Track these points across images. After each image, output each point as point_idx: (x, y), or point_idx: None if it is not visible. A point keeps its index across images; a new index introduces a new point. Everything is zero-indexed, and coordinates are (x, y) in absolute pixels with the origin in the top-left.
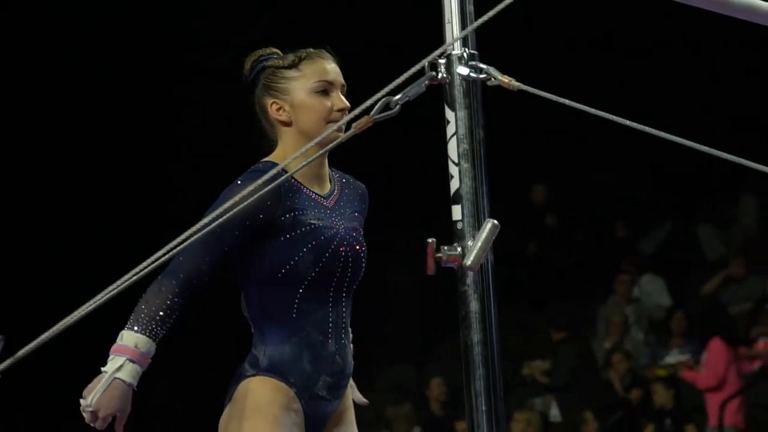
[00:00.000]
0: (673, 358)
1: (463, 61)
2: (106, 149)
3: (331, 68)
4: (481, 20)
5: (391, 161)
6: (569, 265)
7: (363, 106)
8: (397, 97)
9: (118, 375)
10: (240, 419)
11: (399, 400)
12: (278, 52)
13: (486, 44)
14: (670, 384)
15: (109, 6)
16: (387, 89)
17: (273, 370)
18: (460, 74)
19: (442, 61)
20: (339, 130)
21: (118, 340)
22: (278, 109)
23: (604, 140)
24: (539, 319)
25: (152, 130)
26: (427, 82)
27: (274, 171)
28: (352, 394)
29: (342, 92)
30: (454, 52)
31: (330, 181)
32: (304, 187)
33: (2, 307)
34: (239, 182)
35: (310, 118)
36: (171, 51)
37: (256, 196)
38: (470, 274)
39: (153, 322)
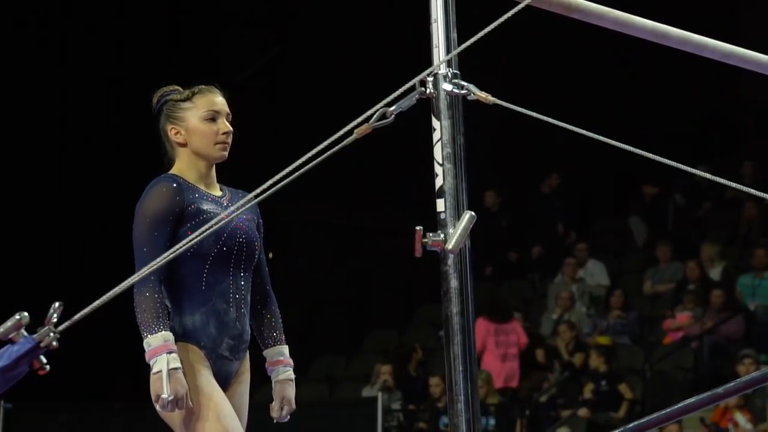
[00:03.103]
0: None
1: (448, 79)
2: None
3: (219, 100)
4: (463, 46)
5: (385, 161)
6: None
7: (364, 116)
8: (392, 108)
9: (171, 366)
10: None
11: (383, 360)
12: (179, 88)
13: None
14: (603, 351)
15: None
16: (384, 102)
17: (187, 336)
18: (445, 90)
19: (430, 79)
20: (223, 150)
21: (147, 347)
22: (176, 133)
23: (554, 149)
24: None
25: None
26: (417, 96)
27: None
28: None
29: (227, 119)
30: (440, 72)
31: (221, 190)
32: (198, 187)
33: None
34: (149, 187)
35: (201, 140)
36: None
37: (218, 220)
38: (451, 256)
39: (158, 319)
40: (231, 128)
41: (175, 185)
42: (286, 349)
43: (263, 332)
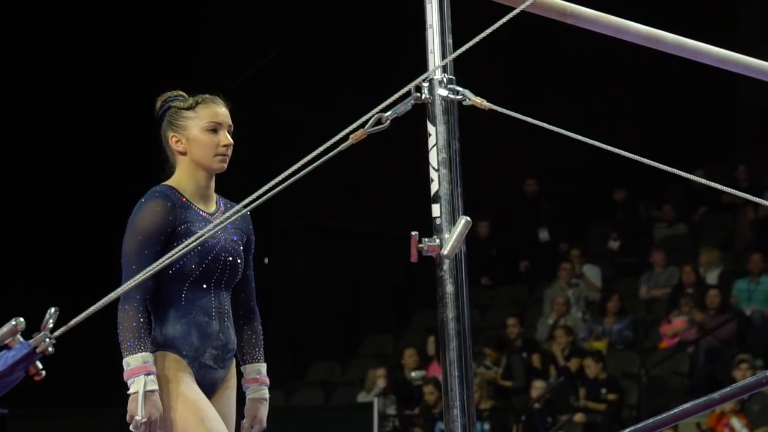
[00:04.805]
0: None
1: (443, 85)
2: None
3: (221, 112)
4: (458, 52)
5: (380, 167)
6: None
7: (359, 121)
8: (388, 113)
9: (148, 388)
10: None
11: (378, 365)
12: (183, 94)
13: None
14: (598, 356)
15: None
16: (379, 107)
17: (168, 345)
18: (440, 95)
19: (426, 84)
20: (223, 162)
21: (126, 367)
22: (177, 141)
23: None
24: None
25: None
26: (413, 101)
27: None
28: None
29: (228, 131)
30: (435, 77)
31: (216, 203)
32: (193, 204)
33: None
34: (143, 200)
35: (201, 151)
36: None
37: (213, 227)
38: (446, 261)
39: (140, 340)
40: (231, 141)
41: (169, 204)
42: (263, 367)
43: (243, 348)
